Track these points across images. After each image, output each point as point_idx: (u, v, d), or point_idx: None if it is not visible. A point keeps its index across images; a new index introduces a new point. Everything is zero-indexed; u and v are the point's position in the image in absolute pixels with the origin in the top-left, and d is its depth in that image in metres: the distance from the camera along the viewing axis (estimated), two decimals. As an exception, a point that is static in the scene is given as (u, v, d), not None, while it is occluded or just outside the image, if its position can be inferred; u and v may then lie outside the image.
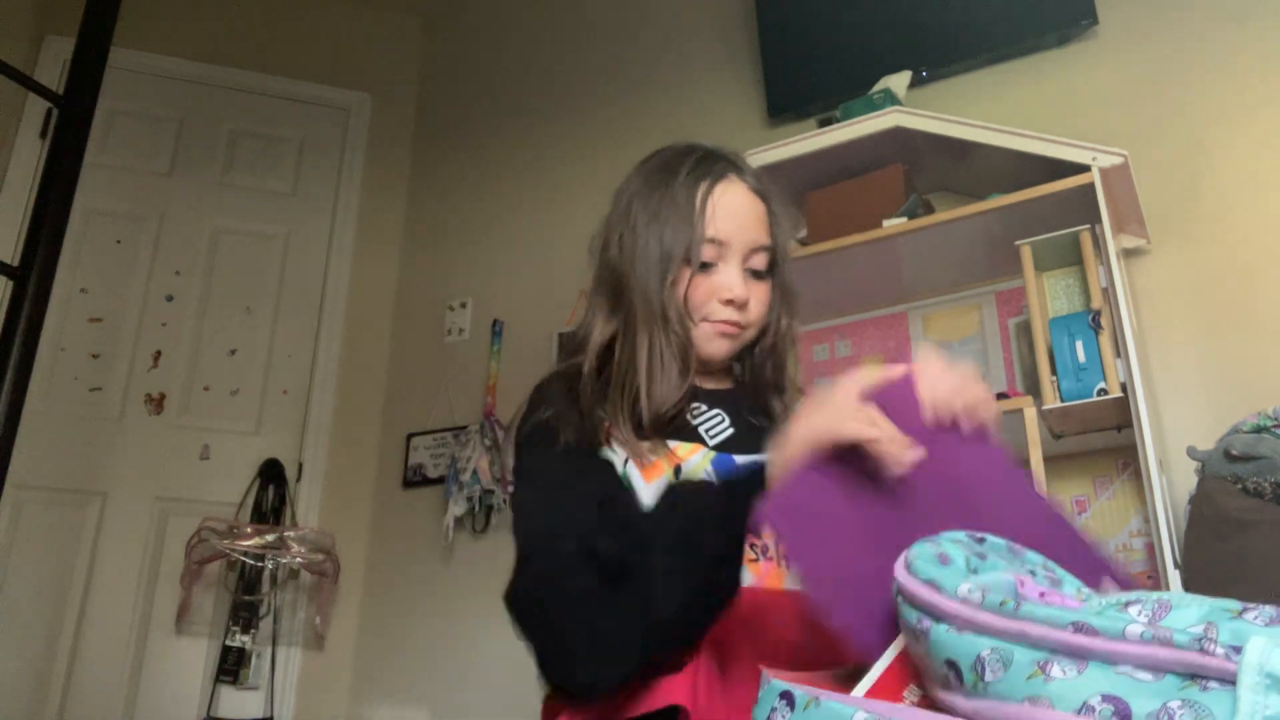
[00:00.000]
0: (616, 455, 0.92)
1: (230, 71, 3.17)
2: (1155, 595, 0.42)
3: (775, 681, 0.52)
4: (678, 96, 2.84)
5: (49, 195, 1.72)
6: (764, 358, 1.06)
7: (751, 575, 0.86)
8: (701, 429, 0.97)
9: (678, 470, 0.92)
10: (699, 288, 0.99)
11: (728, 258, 1.00)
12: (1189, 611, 0.40)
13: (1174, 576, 1.57)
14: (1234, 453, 1.49)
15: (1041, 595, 0.46)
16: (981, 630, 0.43)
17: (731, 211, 1.00)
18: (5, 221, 2.76)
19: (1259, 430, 1.49)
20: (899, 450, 0.73)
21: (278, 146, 3.17)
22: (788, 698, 0.50)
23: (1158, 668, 0.37)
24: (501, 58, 3.28)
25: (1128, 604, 0.42)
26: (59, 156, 1.75)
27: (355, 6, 3.40)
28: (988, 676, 0.41)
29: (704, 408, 1.00)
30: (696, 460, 0.92)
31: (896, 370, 0.79)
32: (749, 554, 0.86)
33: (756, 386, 1.06)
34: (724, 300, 0.99)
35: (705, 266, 0.99)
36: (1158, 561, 1.62)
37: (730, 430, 0.98)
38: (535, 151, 3.07)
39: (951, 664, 0.44)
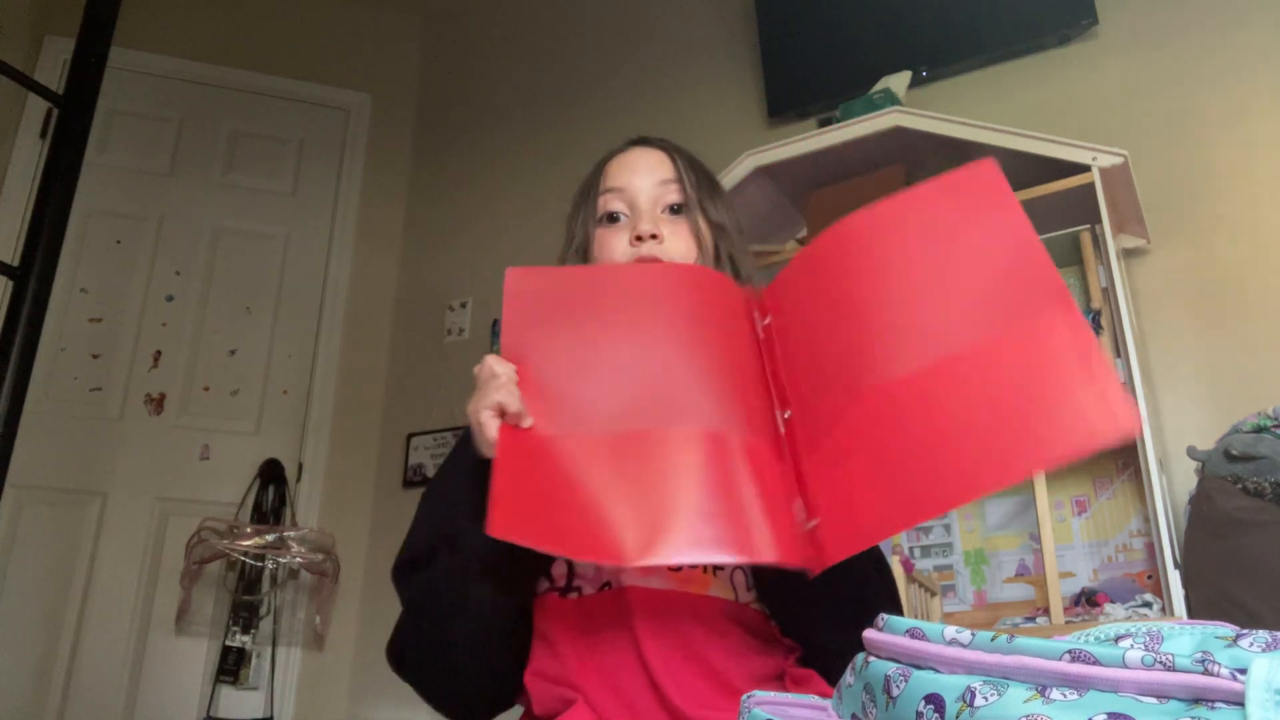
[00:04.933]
0: None
1: (230, 71, 3.17)
2: (1144, 627, 0.41)
3: (756, 710, 0.51)
4: (678, 96, 2.84)
5: (49, 195, 1.72)
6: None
7: (673, 582, 0.85)
8: None
9: None
10: (607, 239, 0.98)
11: (634, 202, 0.98)
12: (1181, 641, 0.39)
13: (1174, 576, 1.57)
14: (1234, 453, 1.49)
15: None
16: (972, 669, 0.42)
17: (626, 163, 1.01)
18: (5, 221, 2.77)
19: (1259, 430, 1.49)
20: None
21: (278, 146, 3.17)
22: None
23: (1162, 694, 0.37)
24: (501, 58, 3.28)
25: (1118, 638, 0.42)
26: (59, 156, 1.75)
27: (355, 6, 3.40)
28: (978, 703, 0.40)
29: None
30: None
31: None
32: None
33: None
34: (633, 240, 0.95)
35: (614, 219, 0.98)
36: (1158, 561, 1.62)
37: None
38: (535, 151, 3.07)
39: (933, 699, 0.42)
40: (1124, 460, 1.92)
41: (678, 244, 0.97)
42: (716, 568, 0.86)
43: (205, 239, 3.02)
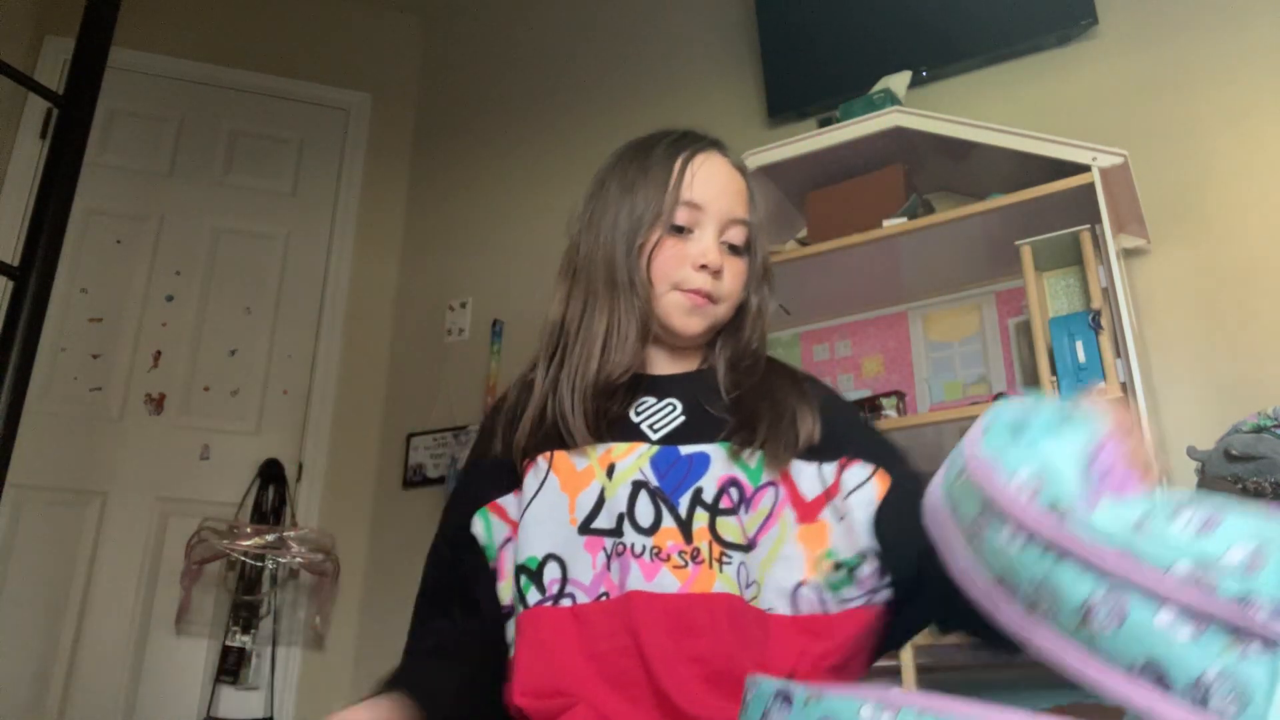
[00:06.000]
0: (539, 469, 0.91)
1: (230, 71, 3.17)
2: (1210, 502, 0.41)
3: (765, 682, 0.51)
4: (678, 96, 2.84)
5: (49, 195, 1.72)
6: (747, 334, 1.00)
7: (677, 582, 0.83)
8: (644, 425, 0.92)
9: (611, 470, 0.88)
10: (670, 252, 0.94)
11: (704, 224, 0.95)
12: (1239, 526, 0.39)
13: (1174, 576, 1.57)
14: (1234, 453, 1.48)
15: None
16: (1034, 536, 0.44)
17: (710, 179, 0.97)
18: (5, 221, 2.77)
19: (1259, 430, 1.49)
20: None
21: (278, 146, 3.17)
22: (783, 696, 0.49)
23: (1200, 615, 0.37)
24: (501, 58, 3.28)
25: (1179, 508, 0.41)
26: (59, 156, 1.75)
27: (355, 6, 3.40)
28: (1042, 608, 0.43)
29: (651, 401, 0.94)
30: (632, 460, 0.89)
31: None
32: (675, 560, 0.84)
33: (733, 365, 0.99)
34: (697, 266, 0.93)
35: (680, 231, 0.95)
36: (1158, 561, 1.62)
37: (681, 419, 0.93)
38: (535, 151, 3.07)
39: (1003, 580, 0.45)
40: (1124, 460, 1.92)
41: (734, 284, 0.97)
42: (723, 561, 0.85)
43: (205, 239, 3.02)
